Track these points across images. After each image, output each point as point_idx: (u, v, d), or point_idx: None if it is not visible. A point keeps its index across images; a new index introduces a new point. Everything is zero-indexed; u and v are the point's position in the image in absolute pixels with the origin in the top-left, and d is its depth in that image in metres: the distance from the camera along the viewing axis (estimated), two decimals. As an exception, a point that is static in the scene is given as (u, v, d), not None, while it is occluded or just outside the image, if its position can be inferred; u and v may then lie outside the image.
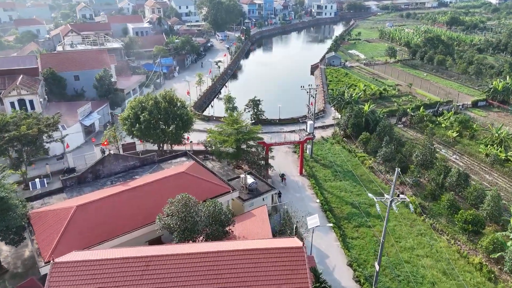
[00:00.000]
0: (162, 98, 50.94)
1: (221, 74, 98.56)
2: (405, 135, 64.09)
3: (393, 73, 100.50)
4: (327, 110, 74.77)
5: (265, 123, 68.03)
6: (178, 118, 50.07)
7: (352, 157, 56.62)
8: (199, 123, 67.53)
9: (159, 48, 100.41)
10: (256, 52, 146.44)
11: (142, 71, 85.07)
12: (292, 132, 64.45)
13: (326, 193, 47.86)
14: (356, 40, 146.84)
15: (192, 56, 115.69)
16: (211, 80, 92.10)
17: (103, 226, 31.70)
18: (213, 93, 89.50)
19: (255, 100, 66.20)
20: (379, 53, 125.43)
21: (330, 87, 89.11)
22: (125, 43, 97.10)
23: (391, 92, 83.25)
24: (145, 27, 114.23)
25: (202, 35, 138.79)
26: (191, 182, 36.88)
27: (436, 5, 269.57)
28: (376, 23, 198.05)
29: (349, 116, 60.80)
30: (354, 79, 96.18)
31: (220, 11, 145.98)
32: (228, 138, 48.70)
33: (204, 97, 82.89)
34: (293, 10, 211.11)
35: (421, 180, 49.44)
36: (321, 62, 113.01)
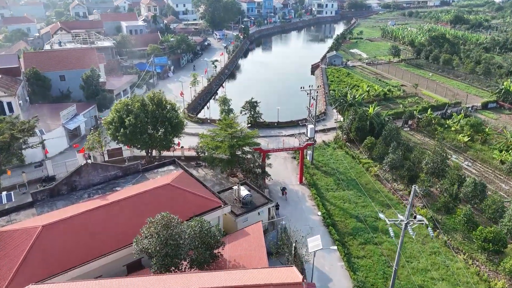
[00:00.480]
0: (149, 100, 46.80)
1: (217, 74, 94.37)
2: (412, 139, 59.91)
3: (397, 73, 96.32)
4: (328, 112, 70.60)
5: (262, 127, 63.92)
6: (167, 122, 45.96)
7: (356, 164, 52.46)
8: (192, 127, 63.41)
9: (153, 46, 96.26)
10: (255, 51, 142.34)
11: (133, 70, 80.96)
12: (292, 136, 60.33)
13: (328, 205, 43.69)
14: (358, 39, 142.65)
15: (188, 55, 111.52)
16: (207, 80, 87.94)
17: (74, 249, 27.55)
18: (209, 94, 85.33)
19: (252, 101, 62.06)
20: (382, 52, 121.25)
21: (332, 87, 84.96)
22: (117, 41, 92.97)
23: (396, 93, 79.06)
24: (139, 25, 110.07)
25: (199, 34, 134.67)
26: (177, 195, 32.75)
27: (439, 4, 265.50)
28: (378, 21, 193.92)
29: (353, 119, 56.64)
30: (356, 79, 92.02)
31: (218, 9, 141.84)
32: (221, 144, 44.60)
33: (198, 98, 78.72)
34: (293, 9, 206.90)
35: (432, 190, 45.29)
36: (322, 62, 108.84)
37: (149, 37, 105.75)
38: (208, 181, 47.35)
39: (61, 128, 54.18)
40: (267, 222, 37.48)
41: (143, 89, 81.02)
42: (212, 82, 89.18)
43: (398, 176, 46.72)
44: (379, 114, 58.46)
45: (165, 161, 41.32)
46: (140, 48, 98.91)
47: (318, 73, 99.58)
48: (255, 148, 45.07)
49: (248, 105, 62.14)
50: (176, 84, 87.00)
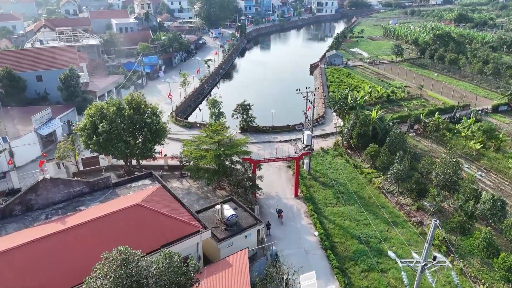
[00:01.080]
0: (127, 104, 41.81)
1: (211, 74, 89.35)
2: (419, 146, 54.92)
3: (400, 73, 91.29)
4: (327, 115, 65.58)
5: (256, 132, 58.95)
6: (146, 128, 40.99)
7: (357, 174, 47.46)
8: (179, 131, 58.45)
9: (143, 45, 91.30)
10: (252, 50, 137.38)
11: (120, 70, 75.93)
12: (288, 142, 55.37)
13: (327, 222, 38.70)
14: (359, 38, 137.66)
15: (181, 55, 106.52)
16: (199, 81, 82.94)
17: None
18: (201, 95, 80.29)
19: (245, 104, 57.04)
20: (384, 52, 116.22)
21: (331, 88, 79.93)
22: (105, 39, 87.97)
23: (400, 95, 74.04)
24: (130, 23, 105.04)
25: (193, 32, 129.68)
26: (148, 218, 27.78)
27: (441, 2, 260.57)
28: (379, 20, 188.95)
29: (354, 124, 51.64)
30: (357, 79, 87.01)
31: (214, 6, 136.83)
32: (207, 153, 39.61)
33: (189, 100, 73.68)
34: (292, 7, 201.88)
35: (444, 205, 40.33)
36: (321, 61, 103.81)
37: (140, 35, 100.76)
38: (193, 194, 42.41)
39: (32, 133, 49.19)
40: (255, 247, 32.49)
41: (130, 90, 75.93)
42: (205, 83, 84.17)
43: (405, 189, 41.71)
44: (383, 118, 53.44)
45: (141, 174, 36.30)
46: (129, 46, 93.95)
47: (317, 73, 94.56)
48: (244, 158, 40.08)
49: (240, 108, 57.14)
50: (165, 85, 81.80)
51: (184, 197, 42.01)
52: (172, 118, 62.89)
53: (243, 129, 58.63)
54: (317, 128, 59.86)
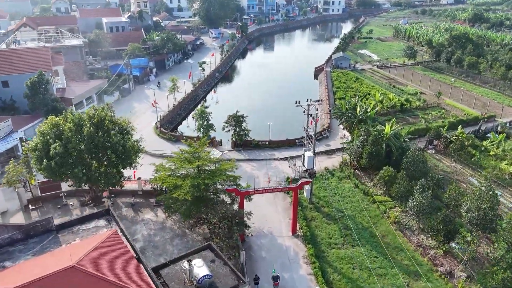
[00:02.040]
0: (88, 120, 34.32)
1: (205, 78, 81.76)
2: (440, 166, 46.89)
3: (414, 78, 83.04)
4: (332, 127, 57.66)
5: (250, 147, 51.24)
6: (110, 150, 33.48)
7: (369, 203, 39.59)
8: (162, 146, 50.92)
9: (134, 46, 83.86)
10: (254, 51, 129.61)
11: (103, 74, 68.57)
12: (286, 160, 47.71)
13: (331, 272, 30.87)
14: (368, 39, 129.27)
15: (177, 56, 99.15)
16: (192, 86, 75.41)
17: None
18: (193, 102, 72.66)
19: (237, 116, 49.33)
20: (394, 54, 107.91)
21: (338, 95, 72.00)
22: (90, 39, 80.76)
23: (415, 103, 65.89)
24: (121, 22, 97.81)
25: (191, 32, 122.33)
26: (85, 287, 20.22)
27: (452, 2, 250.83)
28: (389, 20, 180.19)
29: (364, 141, 43.73)
30: (366, 85, 78.94)
31: (214, 5, 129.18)
32: (183, 182, 32.01)
33: (178, 108, 66.10)
34: (297, 6, 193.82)
35: (479, 249, 32.36)
36: (326, 64, 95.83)
37: (132, 35, 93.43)
38: (167, 230, 34.81)
39: (-15, 151, 42.02)
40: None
41: (114, 96, 68.71)
42: (198, 88, 76.58)
43: (429, 228, 33.75)
44: (398, 135, 45.37)
45: (96, 213, 28.65)
46: (118, 47, 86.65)
47: (322, 77, 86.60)
48: (229, 189, 32.36)
49: (232, 120, 49.43)
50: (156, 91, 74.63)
51: (156, 233, 34.53)
52: (157, 129, 55.37)
53: (235, 144, 50.95)
54: (320, 143, 52.03)
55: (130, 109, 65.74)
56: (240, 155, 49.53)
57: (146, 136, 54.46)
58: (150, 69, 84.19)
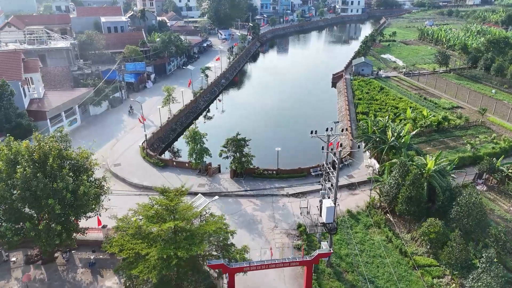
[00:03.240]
0: (27, 156, 25.20)
1: (208, 86, 72.43)
2: (496, 210, 36.35)
3: (448, 88, 71.96)
4: (355, 150, 47.46)
5: (254, 177, 41.59)
6: (53, 199, 24.29)
7: (407, 267, 29.47)
8: (147, 173, 41.67)
9: (131, 48, 75.29)
10: (266, 55, 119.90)
11: (91, 81, 59.79)
12: (298, 196, 38.04)
13: None
14: (390, 42, 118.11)
15: (180, 60, 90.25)
16: (193, 95, 66.14)
17: None
18: (193, 114, 63.32)
19: (238, 140, 39.71)
20: (422, 59, 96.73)
21: (360, 108, 61.75)
22: (81, 41, 72.31)
23: (454, 122, 55.13)
24: (120, 22, 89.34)
25: (198, 33, 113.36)
26: None
27: (479, 3, 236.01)
28: (412, 21, 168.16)
29: (399, 178, 33.55)
30: (392, 96, 68.37)
31: (223, 4, 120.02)
32: (149, 249, 22.57)
33: (173, 122, 56.79)
34: (314, 6, 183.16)
35: None
36: (346, 71, 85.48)
37: (131, 36, 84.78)
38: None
39: None
40: None
41: (102, 107, 60.00)
42: (200, 97, 67.30)
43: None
44: (444, 172, 34.89)
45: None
46: (115, 50, 78.13)
47: (342, 86, 76.29)
48: (213, 265, 22.76)
49: (231, 144, 39.84)
50: (152, 100, 65.80)
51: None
52: (143, 151, 46.18)
53: (235, 173, 41.38)
54: (341, 173, 41.89)
55: (118, 123, 56.90)
56: (240, 187, 39.93)
57: (130, 159, 45.67)
58: (148, 75, 75.34)
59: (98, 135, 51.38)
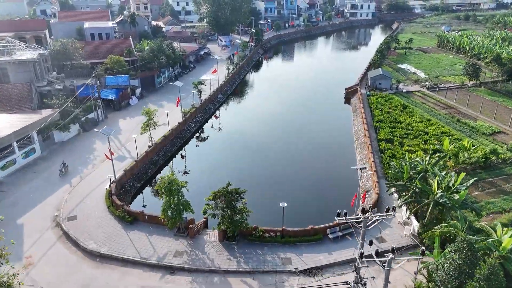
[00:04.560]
0: None
1: (202, 103, 62.05)
2: None
3: (485, 107, 60.98)
4: (383, 197, 36.73)
5: (251, 240, 30.95)
6: None
7: None
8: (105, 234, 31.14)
9: (114, 59, 65.31)
10: (270, 63, 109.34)
11: (58, 101, 49.46)
12: (312, 275, 27.48)
13: None
14: (407, 49, 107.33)
15: (173, 71, 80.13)
16: (182, 115, 55.76)
17: None
18: (180, 140, 52.80)
19: (229, 192, 29.14)
20: (446, 70, 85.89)
21: (382, 134, 51.00)
22: (55, 50, 62.32)
23: (504, 155, 44.16)
24: (105, 28, 79.40)
25: (195, 39, 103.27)
26: None
27: (494, 7, 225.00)
28: (427, 26, 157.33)
29: (462, 266, 22.77)
30: (419, 117, 57.63)
31: (224, 8, 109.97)
32: None
33: (154, 153, 46.33)
34: (321, 10, 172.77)
35: None
36: (361, 83, 74.88)
37: (117, 44, 74.77)
38: None
39: None
40: None
41: (71, 132, 49.71)
42: (190, 118, 56.88)
43: None
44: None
45: None
46: (97, 60, 68.17)
47: (357, 103, 65.63)
48: None
49: (220, 199, 29.26)
50: (133, 121, 55.64)
51: None
52: (108, 199, 35.70)
53: (225, 235, 30.78)
54: (367, 234, 31.22)
55: (88, 152, 46.61)
56: (230, 258, 29.26)
57: (91, 209, 35.19)
58: (132, 90, 65.15)
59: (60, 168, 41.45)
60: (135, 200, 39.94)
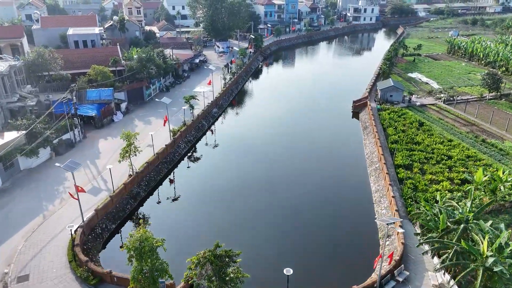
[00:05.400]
0: None
1: (194, 120, 55.34)
2: None
3: (510, 124, 54.36)
4: (408, 244, 30.01)
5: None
6: None
7: None
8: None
9: (98, 69, 58.89)
10: (270, 70, 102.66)
11: (23, 123, 42.84)
12: None
13: None
14: (415, 56, 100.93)
15: (165, 81, 73.67)
16: (170, 135, 49.07)
17: None
18: (167, 166, 46.08)
19: (218, 256, 22.45)
20: (460, 79, 79.34)
21: (398, 159, 44.28)
22: (30, 61, 55.75)
23: (545, 189, 37.46)
24: (90, 34, 72.86)
25: (191, 46, 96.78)
26: None
27: (500, 10, 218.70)
28: (433, 31, 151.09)
29: None
30: (438, 136, 51.03)
31: (221, 12, 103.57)
32: None
33: (135, 183, 39.57)
34: (323, 14, 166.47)
35: None
36: (370, 96, 68.32)
37: (103, 52, 68.19)
38: None
39: None
40: None
41: (40, 156, 43.00)
42: (180, 138, 50.16)
43: None
44: None
45: None
46: (80, 70, 61.71)
47: (367, 119, 59.04)
48: None
49: (205, 265, 22.55)
50: (115, 142, 48.85)
51: None
52: (70, 251, 28.95)
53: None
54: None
55: (59, 181, 39.90)
56: None
57: (48, 265, 28.47)
58: (117, 104, 58.57)
59: (22, 204, 34.92)
60: (109, 245, 33.23)
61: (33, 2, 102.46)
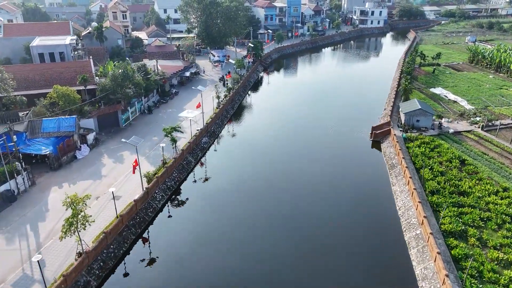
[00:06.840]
0: None
1: (179, 155, 43.88)
2: None
3: None
4: None
5: None
6: None
7: None
8: None
9: (62, 90, 47.74)
10: (271, 82, 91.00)
11: None
12: None
13: None
14: (435, 66, 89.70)
15: (147, 100, 62.54)
16: (143, 186, 37.68)
17: None
18: (141, 224, 34.76)
19: None
20: (492, 95, 68.10)
21: (446, 223, 32.95)
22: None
23: None
24: (58, 45, 61.51)
25: (182, 56, 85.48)
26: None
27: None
28: (447, 35, 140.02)
29: None
30: (488, 181, 39.73)
31: (216, 17, 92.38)
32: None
33: (84, 266, 28.33)
34: (328, 17, 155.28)
35: None
36: (391, 119, 56.94)
37: (72, 68, 56.84)
38: None
39: None
40: None
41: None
42: (154, 188, 38.71)
43: None
44: None
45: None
46: (42, 90, 50.58)
47: (392, 153, 47.71)
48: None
49: None
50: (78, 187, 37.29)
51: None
52: None
53: None
54: None
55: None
56: None
57: None
58: (83, 136, 47.23)
59: None
60: None
61: (3, 6, 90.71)
